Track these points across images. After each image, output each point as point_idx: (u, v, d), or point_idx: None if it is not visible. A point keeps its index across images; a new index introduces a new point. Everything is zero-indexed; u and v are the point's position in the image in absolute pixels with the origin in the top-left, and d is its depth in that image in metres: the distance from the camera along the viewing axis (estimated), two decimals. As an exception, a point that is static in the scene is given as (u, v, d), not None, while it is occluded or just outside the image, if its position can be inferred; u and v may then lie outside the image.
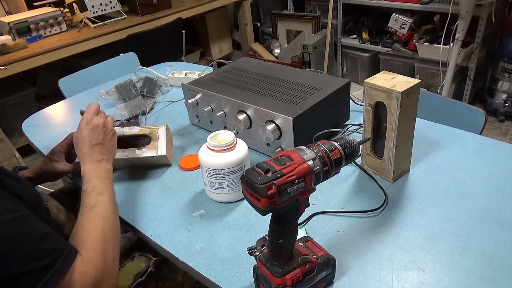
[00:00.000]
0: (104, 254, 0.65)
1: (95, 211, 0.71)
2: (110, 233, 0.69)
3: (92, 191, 0.74)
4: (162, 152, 0.97)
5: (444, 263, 0.67)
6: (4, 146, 2.21)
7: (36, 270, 0.55)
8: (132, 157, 0.96)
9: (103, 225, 0.69)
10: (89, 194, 0.73)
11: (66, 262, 0.59)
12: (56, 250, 0.59)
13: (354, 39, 3.04)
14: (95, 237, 0.66)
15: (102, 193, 0.74)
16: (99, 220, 0.69)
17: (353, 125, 1.07)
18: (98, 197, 0.73)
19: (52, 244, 0.59)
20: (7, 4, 2.56)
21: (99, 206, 0.72)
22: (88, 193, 0.74)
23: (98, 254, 0.64)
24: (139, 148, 0.98)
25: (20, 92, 2.52)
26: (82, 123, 0.83)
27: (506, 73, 2.34)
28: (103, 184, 0.76)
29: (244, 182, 0.54)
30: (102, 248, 0.65)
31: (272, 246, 0.59)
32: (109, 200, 0.74)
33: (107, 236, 0.68)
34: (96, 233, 0.67)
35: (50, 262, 0.57)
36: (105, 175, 0.78)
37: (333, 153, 0.57)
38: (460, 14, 2.18)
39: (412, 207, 0.80)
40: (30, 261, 0.55)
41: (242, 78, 1.13)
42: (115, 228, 0.71)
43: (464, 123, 1.09)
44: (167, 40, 2.51)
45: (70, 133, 0.97)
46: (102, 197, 0.74)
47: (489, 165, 0.88)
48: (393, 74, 0.82)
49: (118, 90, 1.33)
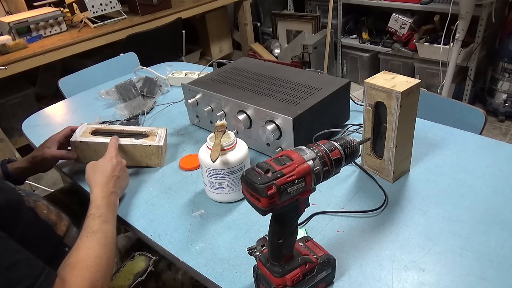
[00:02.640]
0: (92, 283, 0.62)
1: (96, 236, 0.70)
2: (105, 262, 0.67)
3: (99, 217, 0.74)
4: (159, 143, 0.98)
5: (444, 263, 0.67)
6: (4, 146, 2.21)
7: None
8: (126, 144, 0.97)
9: (99, 252, 0.67)
10: (95, 219, 0.73)
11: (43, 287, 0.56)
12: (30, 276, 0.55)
13: (354, 39, 3.04)
14: (87, 263, 0.64)
15: (108, 221, 0.74)
16: (96, 246, 0.68)
17: (353, 125, 1.07)
18: (103, 225, 0.73)
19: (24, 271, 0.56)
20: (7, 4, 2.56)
21: (101, 233, 0.71)
22: (94, 218, 0.73)
23: (84, 281, 0.62)
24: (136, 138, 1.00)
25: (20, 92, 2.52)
26: (108, 156, 0.89)
27: (506, 73, 2.34)
28: (111, 214, 0.77)
29: (244, 182, 0.54)
30: (91, 277, 0.63)
31: (272, 246, 0.59)
32: (112, 230, 0.74)
33: (100, 265, 0.66)
34: (88, 258, 0.65)
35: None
36: (114, 208, 0.80)
37: (333, 153, 0.57)
38: (460, 14, 2.18)
39: (412, 207, 0.80)
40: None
41: (242, 78, 1.13)
42: (110, 258, 0.70)
43: (464, 123, 1.09)
44: (167, 40, 2.51)
45: (68, 126, 1.02)
46: (107, 225, 0.73)
47: (489, 165, 0.88)
48: (393, 74, 0.82)
49: (118, 90, 1.33)
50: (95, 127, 1.04)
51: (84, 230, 0.71)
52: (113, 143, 0.93)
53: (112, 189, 0.83)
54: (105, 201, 0.79)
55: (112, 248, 0.71)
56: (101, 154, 0.98)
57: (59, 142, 0.98)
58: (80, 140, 0.98)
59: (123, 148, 0.98)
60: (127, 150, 0.99)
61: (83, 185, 0.98)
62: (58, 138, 0.98)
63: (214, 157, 0.77)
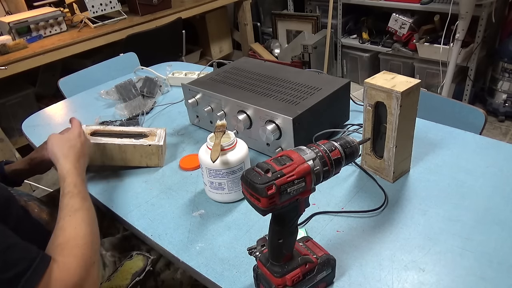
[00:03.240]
0: (85, 260, 0.63)
1: (79, 215, 0.69)
2: (93, 239, 0.67)
3: (78, 194, 0.73)
4: (159, 143, 0.98)
5: (444, 263, 0.67)
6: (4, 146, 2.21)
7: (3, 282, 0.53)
8: (126, 144, 0.97)
9: (86, 230, 0.67)
10: (74, 197, 0.72)
11: (39, 270, 0.56)
12: (26, 259, 0.56)
13: (354, 39, 3.04)
14: (76, 243, 0.64)
15: (86, 198, 0.74)
16: (82, 224, 0.68)
17: (353, 125, 1.07)
18: (83, 202, 0.72)
19: (20, 253, 0.56)
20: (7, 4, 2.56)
21: (83, 211, 0.70)
22: (73, 196, 0.72)
23: (77, 260, 0.62)
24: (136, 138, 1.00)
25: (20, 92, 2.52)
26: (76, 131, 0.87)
27: (506, 73, 2.34)
28: (87, 191, 0.76)
29: (244, 182, 0.54)
30: (82, 254, 0.63)
31: (272, 246, 0.59)
32: (91, 206, 0.73)
33: (89, 242, 0.66)
34: (77, 238, 0.65)
35: (19, 272, 0.54)
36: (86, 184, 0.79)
37: (333, 153, 0.57)
38: (460, 14, 2.18)
39: (412, 207, 0.80)
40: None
41: (242, 78, 1.13)
42: (96, 234, 0.70)
43: (464, 123, 1.09)
44: (167, 40, 2.51)
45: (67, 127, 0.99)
46: (86, 202, 0.73)
47: (489, 165, 0.88)
48: (393, 74, 0.82)
49: (118, 90, 1.33)
50: (93, 128, 1.04)
51: (64, 209, 0.70)
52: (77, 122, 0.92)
53: (83, 166, 0.82)
54: (81, 178, 0.77)
55: (95, 224, 0.71)
56: (100, 155, 0.99)
57: None
58: None
59: (123, 148, 0.98)
60: (127, 150, 0.98)
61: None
62: None
63: (214, 157, 0.77)
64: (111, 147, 0.98)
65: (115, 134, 1.02)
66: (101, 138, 0.99)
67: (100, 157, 0.99)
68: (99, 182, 0.98)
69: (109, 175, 1.00)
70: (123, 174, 1.00)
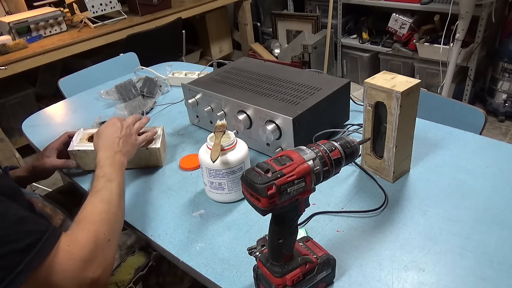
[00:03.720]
0: (96, 235, 0.64)
1: (99, 194, 0.72)
2: (109, 216, 0.69)
3: (102, 176, 0.76)
4: (156, 145, 0.98)
5: (444, 263, 0.67)
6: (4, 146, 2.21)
7: (16, 252, 0.54)
8: None
9: (102, 207, 0.69)
10: (99, 179, 0.75)
11: (49, 242, 0.58)
12: (37, 231, 0.58)
13: (354, 39, 3.04)
14: (90, 218, 0.67)
15: (111, 180, 0.76)
16: (99, 202, 0.70)
17: (353, 125, 1.07)
18: (106, 183, 0.74)
19: (32, 226, 0.58)
20: (7, 4, 2.56)
21: (104, 190, 0.73)
22: (98, 178, 0.75)
23: (89, 234, 0.63)
24: None
25: (20, 92, 2.52)
26: (112, 121, 0.90)
27: (506, 73, 2.34)
28: (115, 173, 0.78)
29: (244, 182, 0.54)
30: (95, 229, 0.65)
31: (272, 246, 0.59)
32: (116, 187, 0.75)
33: (105, 219, 0.68)
34: (93, 214, 0.67)
35: (31, 243, 0.56)
36: (118, 166, 0.80)
37: (333, 153, 0.57)
38: (460, 14, 2.18)
39: (412, 207, 0.80)
40: (8, 243, 0.54)
41: (242, 78, 1.13)
42: (117, 213, 0.71)
43: (464, 123, 1.09)
44: (167, 40, 2.51)
45: (66, 132, 1.03)
46: (110, 183, 0.75)
47: (489, 165, 0.88)
48: (393, 74, 0.82)
49: (118, 90, 1.33)
50: (91, 132, 1.04)
51: (89, 191, 0.73)
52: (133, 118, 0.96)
53: (116, 149, 0.84)
54: (109, 161, 0.80)
55: (117, 204, 0.72)
56: None
57: (57, 150, 0.97)
58: (77, 148, 0.98)
59: None
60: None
61: (82, 184, 0.98)
62: (56, 146, 0.98)
63: (214, 157, 0.77)
64: None
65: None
66: None
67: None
68: (99, 182, 0.98)
69: (109, 175, 1.00)
70: (123, 174, 1.00)
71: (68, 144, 0.99)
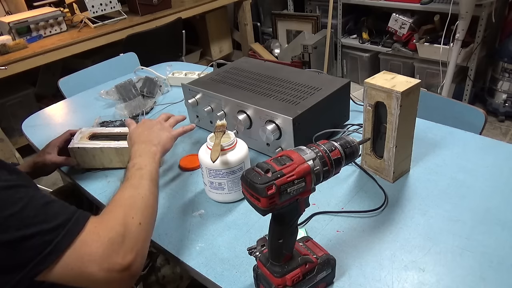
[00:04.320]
0: (125, 218, 0.63)
1: (129, 182, 0.71)
2: (138, 200, 0.68)
3: (133, 167, 0.75)
4: None
5: (444, 263, 0.67)
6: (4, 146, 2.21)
7: (45, 232, 0.55)
8: (123, 147, 0.97)
9: (131, 192, 0.69)
10: (129, 170, 0.75)
11: (78, 223, 0.58)
12: (65, 213, 0.58)
13: (354, 39, 3.04)
14: (118, 203, 0.66)
15: (141, 168, 0.75)
16: (128, 188, 0.70)
17: (353, 125, 1.07)
18: (136, 171, 0.74)
19: (59, 209, 0.59)
20: (7, 4, 2.56)
21: (133, 178, 0.72)
22: (129, 169, 0.75)
23: (117, 217, 0.63)
24: None
25: (20, 92, 2.52)
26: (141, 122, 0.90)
27: (506, 73, 2.34)
28: (145, 161, 0.77)
29: (244, 182, 0.54)
30: (123, 212, 0.64)
31: (272, 246, 0.59)
32: (146, 173, 0.74)
33: (133, 203, 0.67)
34: (121, 199, 0.67)
35: (60, 224, 0.56)
36: (149, 154, 0.79)
37: (333, 153, 0.57)
38: (460, 14, 2.18)
39: (412, 207, 0.80)
40: (37, 223, 0.55)
41: (242, 78, 1.13)
42: (148, 197, 0.70)
43: (464, 123, 1.09)
44: (167, 40, 2.51)
45: (68, 130, 1.03)
46: (140, 171, 0.74)
47: (489, 165, 0.88)
48: (393, 74, 0.82)
49: (118, 90, 1.33)
50: (93, 131, 1.04)
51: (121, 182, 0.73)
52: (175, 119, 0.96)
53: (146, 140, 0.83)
54: (139, 152, 0.79)
55: (148, 189, 0.71)
56: (99, 159, 0.99)
57: (58, 147, 0.98)
58: (77, 146, 0.98)
59: (120, 151, 0.98)
60: (124, 153, 0.98)
61: (82, 184, 0.98)
62: (57, 143, 0.99)
63: (214, 157, 0.77)
64: (108, 151, 0.98)
65: (114, 136, 1.02)
66: (98, 142, 0.99)
67: (99, 160, 1.00)
68: (99, 182, 0.98)
69: (109, 175, 1.00)
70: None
71: (69, 141, 1.00)
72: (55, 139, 1.00)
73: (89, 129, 1.05)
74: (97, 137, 1.03)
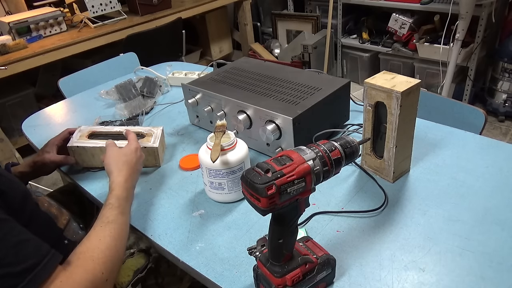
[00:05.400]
0: (94, 274, 0.61)
1: (109, 227, 0.69)
2: (114, 255, 0.66)
3: (117, 207, 0.73)
4: (154, 145, 0.98)
5: (444, 263, 0.67)
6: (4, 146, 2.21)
7: (11, 275, 0.53)
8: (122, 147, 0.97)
9: (109, 244, 0.66)
10: (112, 209, 0.72)
11: (46, 268, 0.57)
12: (35, 255, 0.57)
13: (354, 39, 3.04)
14: (93, 255, 0.64)
15: (124, 214, 0.74)
16: (108, 238, 0.67)
17: (353, 125, 1.07)
18: (119, 216, 0.72)
19: (30, 250, 0.57)
20: (7, 4, 2.56)
21: (115, 224, 0.70)
22: (112, 208, 0.73)
23: (86, 272, 0.61)
24: None
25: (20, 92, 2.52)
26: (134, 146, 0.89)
27: (506, 73, 2.34)
28: (128, 207, 0.77)
29: (244, 182, 0.54)
30: (94, 268, 0.62)
31: (272, 246, 0.59)
32: (126, 223, 0.73)
33: (108, 257, 0.65)
34: (97, 250, 0.65)
35: (28, 268, 0.55)
36: (131, 201, 0.79)
37: (333, 153, 0.57)
38: (460, 14, 2.18)
39: (412, 207, 0.80)
40: (5, 265, 0.53)
41: (242, 78, 1.13)
42: (121, 251, 0.69)
43: (464, 123, 1.09)
44: (167, 40, 2.51)
45: (66, 128, 1.03)
46: (122, 217, 0.73)
47: (489, 165, 0.88)
48: (393, 74, 0.82)
49: (118, 90, 1.33)
50: (92, 129, 1.04)
51: (99, 220, 0.70)
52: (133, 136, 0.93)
53: (134, 182, 0.83)
54: (126, 194, 0.78)
55: (124, 241, 0.71)
56: (98, 157, 0.99)
57: (57, 146, 0.98)
58: (76, 145, 0.98)
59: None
60: None
61: (82, 184, 0.98)
62: (56, 142, 0.99)
63: (214, 157, 0.77)
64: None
65: (113, 135, 1.02)
66: (98, 141, 0.99)
67: (98, 160, 1.00)
68: (99, 182, 0.98)
69: (109, 175, 1.00)
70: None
71: (68, 140, 1.00)
72: (54, 138, 1.00)
73: (88, 128, 1.05)
74: (96, 135, 1.03)
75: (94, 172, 1.01)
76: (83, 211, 1.09)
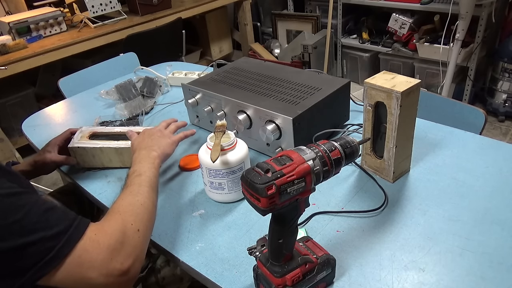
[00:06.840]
0: (124, 224, 0.64)
1: (128, 188, 0.73)
2: (137, 207, 0.69)
3: (133, 173, 0.77)
4: None
5: (444, 263, 0.67)
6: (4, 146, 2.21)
7: (47, 239, 0.55)
8: (122, 147, 0.97)
9: (130, 199, 0.70)
10: (129, 176, 0.77)
11: (79, 230, 0.59)
12: (66, 219, 0.59)
13: (354, 39, 3.04)
14: (118, 209, 0.67)
15: (141, 174, 0.77)
16: (128, 195, 0.71)
17: (353, 125, 1.07)
18: (135, 178, 0.75)
19: (60, 215, 0.59)
20: (7, 4, 2.56)
21: (133, 185, 0.74)
22: (129, 175, 0.77)
23: (116, 224, 0.64)
24: None
25: (20, 92, 2.52)
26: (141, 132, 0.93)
27: (506, 73, 2.34)
28: (144, 167, 0.79)
29: (244, 182, 0.54)
30: (122, 219, 0.65)
31: (272, 246, 0.59)
32: (145, 180, 0.76)
33: (131, 210, 0.68)
34: (121, 206, 0.68)
35: (62, 231, 0.57)
36: (148, 160, 0.81)
37: (333, 153, 0.57)
38: (460, 14, 2.18)
39: (412, 207, 0.80)
40: (39, 230, 0.55)
41: (242, 78, 1.13)
42: (147, 204, 0.71)
43: (464, 123, 1.09)
44: (167, 40, 2.51)
45: (68, 129, 1.03)
46: (139, 177, 0.76)
47: (489, 165, 0.88)
48: (393, 74, 0.82)
49: (118, 90, 1.33)
50: (93, 130, 1.04)
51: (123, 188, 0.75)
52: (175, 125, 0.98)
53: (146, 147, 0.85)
54: (138, 159, 0.81)
55: (147, 196, 0.73)
56: (99, 158, 0.99)
57: (59, 146, 0.98)
58: (77, 145, 0.98)
59: (120, 151, 0.98)
60: (124, 153, 0.99)
61: (82, 184, 0.98)
62: (58, 142, 0.99)
63: (214, 157, 0.77)
64: (108, 150, 0.98)
65: (113, 135, 1.02)
66: (98, 141, 0.99)
67: (99, 160, 1.00)
68: (99, 182, 0.98)
69: (109, 175, 1.00)
70: (123, 174, 1.00)
71: (70, 140, 1.00)
72: (56, 138, 1.00)
73: (90, 128, 1.05)
74: (98, 136, 1.03)
75: (94, 172, 1.01)
76: (83, 211, 1.10)
